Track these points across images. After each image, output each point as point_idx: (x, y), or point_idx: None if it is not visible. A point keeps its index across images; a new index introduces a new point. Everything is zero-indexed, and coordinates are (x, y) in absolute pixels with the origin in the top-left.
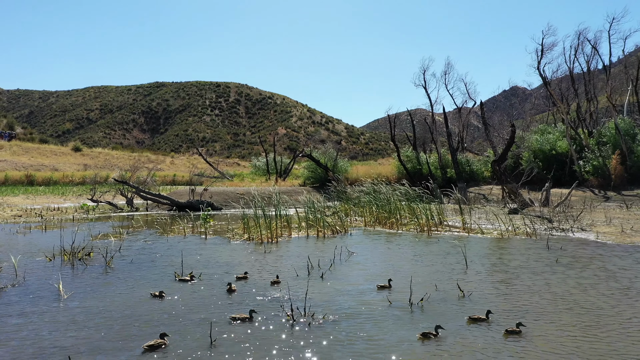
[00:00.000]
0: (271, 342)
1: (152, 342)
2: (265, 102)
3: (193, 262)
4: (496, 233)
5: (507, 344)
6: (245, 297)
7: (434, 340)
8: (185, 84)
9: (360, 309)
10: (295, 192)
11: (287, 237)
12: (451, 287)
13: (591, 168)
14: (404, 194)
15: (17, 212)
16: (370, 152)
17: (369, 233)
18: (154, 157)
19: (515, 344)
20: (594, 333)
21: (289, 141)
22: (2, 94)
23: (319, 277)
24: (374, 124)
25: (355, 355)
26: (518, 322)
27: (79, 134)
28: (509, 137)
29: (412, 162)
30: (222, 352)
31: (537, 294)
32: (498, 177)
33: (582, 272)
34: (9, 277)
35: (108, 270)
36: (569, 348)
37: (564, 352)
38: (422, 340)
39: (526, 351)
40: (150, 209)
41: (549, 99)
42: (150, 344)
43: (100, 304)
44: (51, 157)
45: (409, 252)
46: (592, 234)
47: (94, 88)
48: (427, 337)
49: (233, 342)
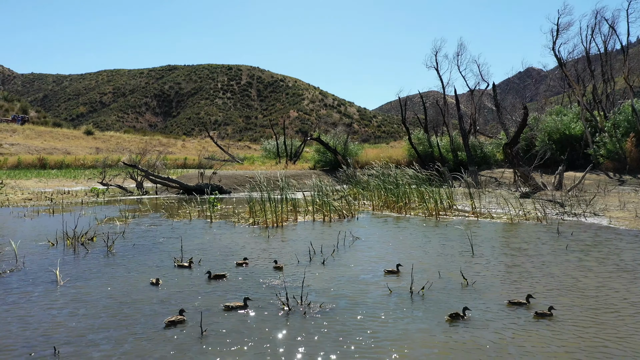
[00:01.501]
0: (262, 334)
1: (172, 317)
2: (277, 85)
3: (195, 247)
4: (506, 218)
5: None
6: (243, 284)
7: (431, 333)
8: (197, 67)
9: (359, 298)
10: (304, 175)
11: (293, 222)
12: (455, 275)
13: (606, 151)
14: (414, 178)
15: (28, 195)
16: (383, 135)
17: (377, 217)
18: (165, 141)
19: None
20: (602, 321)
21: (300, 124)
22: (17, 78)
23: (320, 264)
24: (386, 107)
25: (346, 350)
26: (550, 306)
27: (93, 118)
28: (521, 119)
29: (423, 145)
30: (211, 343)
31: (544, 282)
32: (510, 160)
33: (592, 260)
34: (9, 262)
35: (109, 255)
36: (573, 337)
37: (566, 340)
38: (450, 321)
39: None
40: (160, 192)
41: (564, 81)
42: (171, 320)
43: (95, 292)
44: (64, 141)
45: (415, 238)
46: (605, 219)
47: (107, 71)
48: (455, 318)
49: (224, 333)
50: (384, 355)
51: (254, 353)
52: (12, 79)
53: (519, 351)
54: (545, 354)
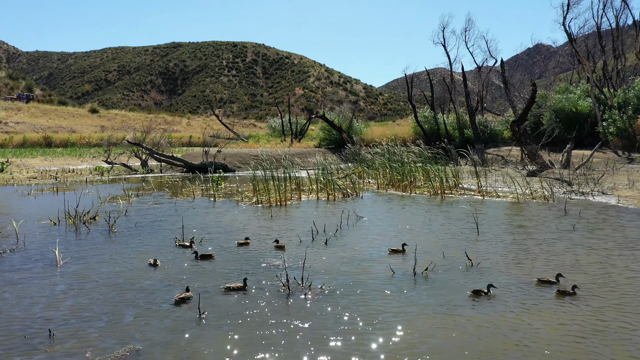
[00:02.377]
0: (261, 316)
1: (182, 294)
2: (283, 62)
3: (197, 226)
4: (512, 197)
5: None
6: (244, 265)
7: (434, 315)
8: (201, 44)
9: (360, 279)
10: (309, 153)
11: (296, 201)
12: (460, 255)
13: (615, 129)
14: (419, 156)
15: (33, 174)
16: (389, 112)
17: (381, 196)
18: (170, 119)
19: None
20: (623, 300)
21: (306, 102)
22: (22, 56)
23: (323, 244)
24: (393, 84)
25: (345, 332)
26: (573, 285)
27: (98, 96)
28: (530, 96)
29: (430, 122)
30: (209, 325)
31: (550, 263)
32: (517, 138)
33: (599, 240)
34: (10, 241)
35: (111, 234)
36: (575, 321)
37: (560, 324)
38: (473, 297)
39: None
40: (164, 170)
41: (574, 57)
42: (181, 297)
43: (94, 272)
44: (69, 119)
45: (420, 217)
46: (614, 198)
47: (112, 49)
48: (478, 294)
49: (222, 315)
50: (383, 338)
51: (251, 335)
52: (17, 56)
53: (536, 330)
54: (567, 333)
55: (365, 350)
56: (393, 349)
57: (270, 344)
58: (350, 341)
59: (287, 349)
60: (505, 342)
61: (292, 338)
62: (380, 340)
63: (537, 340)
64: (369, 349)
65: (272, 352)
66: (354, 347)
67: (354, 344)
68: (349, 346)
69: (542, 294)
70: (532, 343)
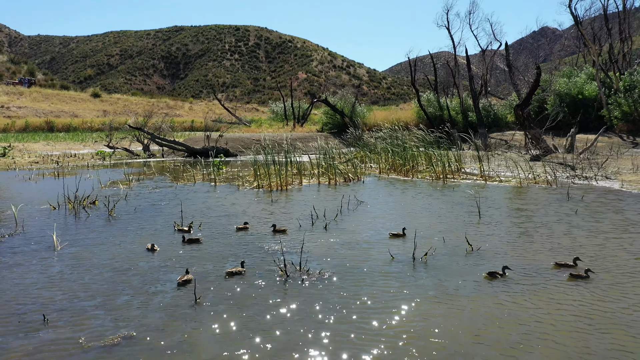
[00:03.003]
0: (257, 301)
1: (184, 277)
2: (286, 46)
3: (197, 211)
4: (515, 181)
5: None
6: (242, 249)
7: (431, 299)
8: (204, 27)
9: (359, 265)
10: (311, 138)
11: (298, 185)
12: (461, 241)
13: (620, 113)
14: (422, 140)
15: (35, 158)
16: (392, 96)
17: (383, 181)
18: (173, 103)
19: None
20: (633, 284)
21: (309, 86)
22: (23, 40)
23: (322, 229)
24: (396, 68)
25: (341, 318)
26: (587, 269)
27: (100, 80)
28: (534, 80)
29: (433, 106)
30: (204, 310)
31: (551, 248)
32: (521, 122)
33: (601, 225)
34: (9, 226)
35: (110, 219)
36: (578, 307)
37: (560, 305)
38: (488, 279)
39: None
40: (166, 155)
41: (579, 40)
42: (183, 279)
43: (92, 257)
44: (71, 104)
45: (421, 202)
46: (617, 182)
47: (113, 33)
48: (493, 276)
49: (218, 300)
50: (379, 323)
51: (246, 320)
52: (18, 40)
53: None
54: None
55: (363, 333)
56: (390, 333)
57: (266, 329)
58: (348, 326)
59: (282, 334)
60: (503, 326)
61: (288, 323)
62: (376, 324)
63: (541, 324)
64: (365, 333)
65: (267, 337)
66: (351, 331)
67: (351, 329)
68: (346, 331)
69: (553, 278)
70: (536, 325)
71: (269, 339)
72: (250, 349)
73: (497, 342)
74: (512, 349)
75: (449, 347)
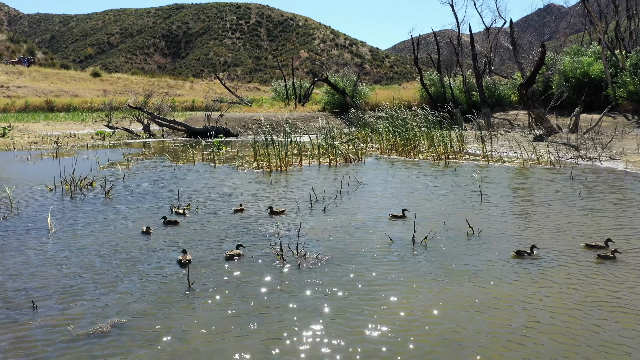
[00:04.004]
0: (253, 287)
1: (184, 257)
2: (287, 24)
3: (196, 192)
4: (518, 162)
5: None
6: (238, 232)
7: (429, 283)
8: (204, 5)
9: (358, 248)
10: (312, 117)
11: (298, 166)
12: (461, 223)
13: (626, 92)
14: (424, 120)
15: (34, 138)
16: (395, 75)
17: (384, 161)
18: (173, 82)
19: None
20: (615, 275)
21: (311, 65)
22: (23, 19)
23: (321, 211)
24: (399, 47)
25: (337, 304)
26: (614, 250)
27: (101, 59)
28: (539, 58)
29: (436, 85)
30: (198, 296)
31: (554, 231)
32: (525, 101)
33: (606, 206)
34: (4, 208)
35: (106, 201)
36: (584, 292)
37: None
38: (516, 258)
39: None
40: (166, 135)
41: (586, 17)
42: (180, 259)
43: (85, 240)
44: (71, 83)
45: (422, 183)
46: (622, 163)
47: (113, 11)
48: (521, 255)
49: (212, 286)
50: (376, 308)
51: (241, 307)
52: (18, 19)
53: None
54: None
55: (359, 320)
56: (388, 319)
57: (260, 315)
58: (344, 312)
59: (277, 321)
60: (505, 314)
61: (283, 309)
62: (375, 310)
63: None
64: (363, 319)
65: (262, 325)
66: (347, 317)
67: (347, 315)
68: (342, 317)
69: (582, 259)
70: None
71: (263, 327)
72: (245, 336)
73: (508, 332)
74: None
75: (449, 331)
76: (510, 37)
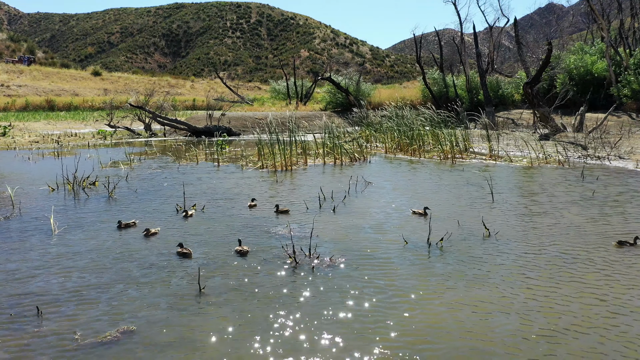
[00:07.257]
0: (265, 291)
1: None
2: (288, 23)
3: (200, 191)
4: (525, 161)
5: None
6: (247, 232)
7: (449, 288)
8: (205, 4)
9: (372, 250)
10: (315, 117)
11: (302, 165)
12: (475, 224)
13: (630, 91)
14: (428, 119)
15: (35, 137)
16: (396, 75)
17: (390, 161)
18: (174, 82)
19: None
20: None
21: (311, 64)
22: (23, 18)
23: (331, 211)
24: (400, 46)
25: (357, 309)
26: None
27: (101, 58)
28: (545, 56)
29: (439, 84)
30: (208, 301)
31: (573, 232)
32: (529, 100)
33: (623, 207)
34: (6, 208)
35: (110, 201)
36: (605, 289)
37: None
38: (617, 247)
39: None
40: (168, 134)
41: (589, 16)
42: (181, 251)
43: (89, 242)
44: (71, 82)
45: (430, 182)
46: (631, 162)
47: (113, 10)
48: (622, 245)
49: (223, 290)
50: (398, 312)
51: (253, 312)
52: (18, 18)
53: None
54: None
55: (378, 327)
56: (408, 328)
57: (273, 322)
58: (362, 318)
59: (291, 327)
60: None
61: (296, 315)
62: (394, 317)
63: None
64: (383, 325)
65: (275, 331)
66: (365, 324)
67: (365, 322)
68: (360, 324)
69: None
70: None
71: (277, 335)
72: (258, 346)
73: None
74: None
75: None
76: (515, 35)
